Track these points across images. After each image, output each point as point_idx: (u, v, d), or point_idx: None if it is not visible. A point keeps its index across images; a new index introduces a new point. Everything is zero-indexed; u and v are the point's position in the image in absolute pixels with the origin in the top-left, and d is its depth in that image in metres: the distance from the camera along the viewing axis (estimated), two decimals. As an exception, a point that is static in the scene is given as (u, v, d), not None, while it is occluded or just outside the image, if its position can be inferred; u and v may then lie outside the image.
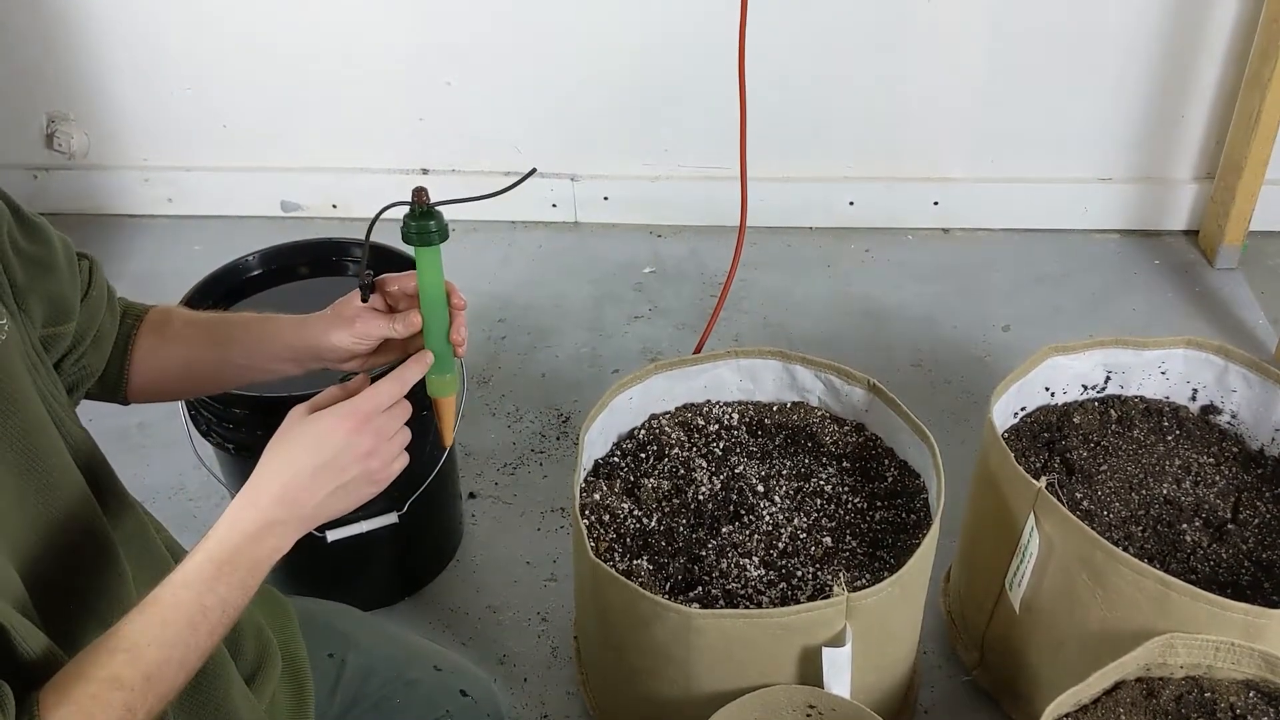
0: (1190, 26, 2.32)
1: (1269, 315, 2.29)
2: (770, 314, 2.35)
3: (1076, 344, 1.56)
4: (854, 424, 1.55)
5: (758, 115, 1.88)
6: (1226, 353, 1.55)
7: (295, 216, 2.65)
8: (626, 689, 1.40)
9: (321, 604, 1.24)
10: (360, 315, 1.03)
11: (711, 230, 2.57)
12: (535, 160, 2.52)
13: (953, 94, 2.44)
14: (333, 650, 1.16)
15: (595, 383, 2.16)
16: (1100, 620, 1.30)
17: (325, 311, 1.05)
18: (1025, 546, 1.37)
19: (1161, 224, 2.55)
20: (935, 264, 2.48)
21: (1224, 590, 1.34)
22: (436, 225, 0.97)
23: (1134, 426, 1.56)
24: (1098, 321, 2.29)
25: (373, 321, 1.02)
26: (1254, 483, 1.49)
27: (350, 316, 1.03)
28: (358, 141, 2.58)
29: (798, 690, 1.26)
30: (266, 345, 1.06)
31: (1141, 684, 1.23)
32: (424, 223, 0.96)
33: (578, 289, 2.43)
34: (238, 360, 1.06)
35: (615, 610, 1.30)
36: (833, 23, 2.36)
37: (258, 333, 1.07)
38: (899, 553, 1.37)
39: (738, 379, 1.59)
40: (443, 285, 1.00)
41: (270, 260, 1.69)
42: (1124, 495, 1.47)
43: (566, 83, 2.47)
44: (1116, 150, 2.49)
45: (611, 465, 1.51)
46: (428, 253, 0.98)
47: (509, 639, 1.70)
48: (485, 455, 2.02)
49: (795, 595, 1.32)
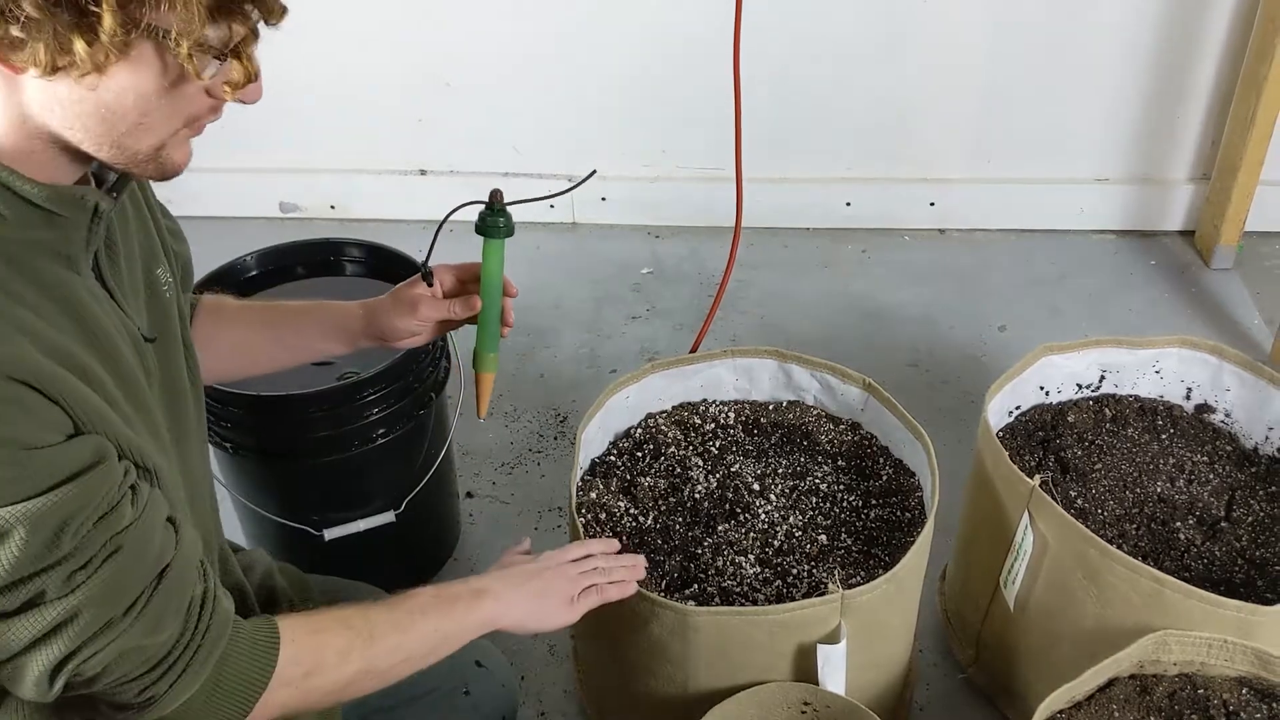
0: (1186, 28, 2.32)
1: (1264, 315, 2.30)
2: (768, 314, 2.36)
3: (1071, 344, 1.56)
4: (849, 423, 1.55)
5: (755, 117, 1.89)
6: (1220, 352, 1.55)
7: (294, 217, 2.66)
8: (623, 687, 1.40)
9: (341, 581, 1.27)
10: (421, 300, 1.18)
11: (709, 231, 2.58)
12: (533, 162, 2.54)
13: (949, 95, 2.44)
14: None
15: (593, 383, 2.17)
16: (1094, 618, 1.31)
17: (384, 298, 1.20)
18: (1020, 545, 1.38)
19: (1158, 224, 2.56)
20: (932, 264, 2.49)
21: (1217, 588, 1.35)
22: (505, 223, 1.16)
23: (1128, 425, 1.56)
24: (1094, 321, 2.30)
25: (433, 305, 1.18)
26: (1247, 481, 1.50)
27: (411, 302, 1.18)
28: (356, 142, 2.59)
29: (793, 687, 1.27)
30: (321, 327, 1.20)
31: (1135, 681, 1.24)
32: (496, 219, 1.15)
33: (576, 289, 2.44)
34: (290, 341, 1.20)
35: (611, 608, 1.31)
36: (830, 25, 2.36)
37: (315, 315, 1.21)
38: (894, 550, 1.37)
39: (734, 378, 1.60)
40: (501, 274, 1.18)
41: (267, 261, 1.69)
42: (1118, 493, 1.47)
43: (564, 84, 2.48)
44: (1113, 151, 2.50)
45: (608, 464, 1.52)
46: (495, 245, 1.17)
47: (506, 637, 1.68)
48: (483, 455, 2.02)
49: (791, 593, 1.33)
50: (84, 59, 0.71)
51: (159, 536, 0.82)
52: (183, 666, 0.84)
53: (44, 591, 0.75)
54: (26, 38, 0.70)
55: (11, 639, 0.76)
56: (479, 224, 1.16)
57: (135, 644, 0.80)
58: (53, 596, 0.76)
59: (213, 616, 0.86)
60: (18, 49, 0.71)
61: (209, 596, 0.87)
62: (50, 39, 0.70)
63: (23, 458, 0.72)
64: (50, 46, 0.70)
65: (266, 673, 0.89)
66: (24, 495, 0.72)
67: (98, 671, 0.79)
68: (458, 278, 1.21)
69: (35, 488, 0.73)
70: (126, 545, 0.79)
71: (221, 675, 0.87)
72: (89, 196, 0.81)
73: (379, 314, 1.19)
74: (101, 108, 0.75)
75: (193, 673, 0.85)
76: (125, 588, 0.79)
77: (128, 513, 0.79)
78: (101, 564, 0.77)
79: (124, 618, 0.79)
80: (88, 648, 0.78)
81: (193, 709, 0.86)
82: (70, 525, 0.75)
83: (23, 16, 0.69)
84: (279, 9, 0.78)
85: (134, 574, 0.80)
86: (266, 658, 0.89)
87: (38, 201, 0.78)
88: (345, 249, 1.73)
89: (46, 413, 0.74)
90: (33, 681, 0.78)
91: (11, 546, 0.72)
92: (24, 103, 0.75)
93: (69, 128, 0.76)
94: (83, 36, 0.70)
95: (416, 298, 1.18)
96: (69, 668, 0.78)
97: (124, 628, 0.79)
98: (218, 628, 0.86)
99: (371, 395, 1.51)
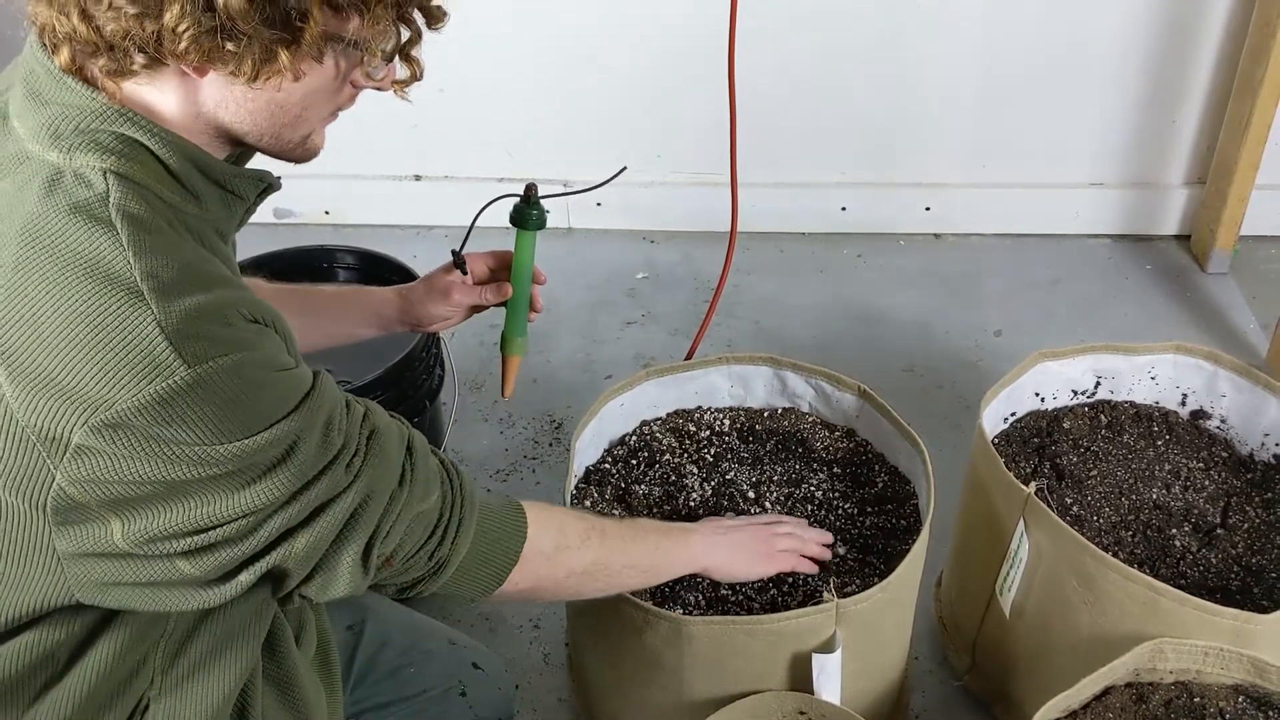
0: (1181, 31, 2.32)
1: (1260, 320, 2.30)
2: (763, 319, 2.36)
3: (1066, 349, 1.56)
4: (845, 430, 1.55)
5: (750, 121, 1.88)
6: (1215, 358, 1.55)
7: (288, 223, 2.65)
8: (618, 696, 1.40)
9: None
10: (453, 287, 1.27)
11: (705, 236, 2.57)
12: (529, 166, 2.53)
13: (945, 99, 2.44)
14: (351, 623, 1.21)
15: (588, 388, 2.16)
16: (1090, 625, 1.31)
17: (417, 284, 1.29)
18: (1015, 552, 1.38)
19: (1153, 229, 2.55)
20: (927, 269, 2.49)
21: (1213, 595, 1.34)
22: (539, 215, 1.25)
23: (1124, 432, 1.56)
24: (1090, 326, 2.30)
25: (465, 292, 1.27)
26: (1243, 487, 1.49)
27: (444, 288, 1.26)
28: (351, 148, 2.57)
29: (788, 696, 1.27)
30: (359, 312, 1.28)
31: (1131, 689, 1.24)
32: (530, 211, 1.24)
33: (571, 295, 2.43)
34: (328, 327, 1.27)
35: (606, 617, 1.30)
36: (826, 29, 2.36)
37: (353, 301, 1.29)
38: (889, 558, 1.37)
39: (729, 385, 1.59)
40: (533, 263, 1.27)
41: (258, 268, 1.68)
42: (1114, 500, 1.47)
43: (559, 89, 2.47)
44: (1108, 155, 2.49)
45: (603, 472, 1.51)
46: (528, 235, 1.25)
47: (501, 646, 1.70)
48: (478, 461, 2.02)
49: (786, 601, 1.32)
50: (286, 67, 0.78)
51: (383, 417, 0.91)
52: (457, 522, 0.94)
53: (335, 484, 0.83)
54: (237, 51, 0.75)
55: (319, 537, 0.83)
56: (514, 215, 1.25)
57: (415, 510, 0.90)
58: (342, 486, 0.83)
59: (460, 476, 0.96)
60: (225, 61, 0.76)
61: (446, 462, 0.96)
62: (259, 53, 0.76)
63: (282, 378, 0.80)
64: (256, 60, 0.76)
65: (521, 535, 0.99)
66: (292, 407, 0.80)
67: (395, 546, 0.89)
68: (489, 265, 1.30)
69: (297, 400, 0.80)
70: (376, 426, 0.88)
71: (483, 537, 0.97)
72: (266, 176, 0.92)
73: (413, 300, 1.27)
74: (273, 105, 0.83)
75: (465, 529, 0.95)
76: (390, 462, 0.88)
77: (356, 406, 0.88)
78: (366, 446, 0.86)
79: (400, 488, 0.88)
80: (384, 523, 0.87)
81: (467, 574, 0.96)
82: (333, 422, 0.83)
83: (238, 33, 0.74)
84: (441, 14, 0.90)
85: (390, 449, 0.88)
86: (518, 521, 1.00)
87: (223, 181, 0.86)
88: (337, 255, 1.73)
89: (281, 342, 0.83)
90: (347, 573, 0.86)
91: (300, 452, 0.80)
92: (200, 100, 0.82)
93: (239, 121, 0.83)
94: (286, 49, 0.77)
95: (449, 284, 1.26)
96: (375, 549, 0.87)
97: (404, 498, 0.88)
98: (469, 485, 0.97)
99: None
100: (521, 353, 1.33)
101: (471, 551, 0.96)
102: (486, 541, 0.97)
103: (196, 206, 0.84)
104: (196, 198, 0.84)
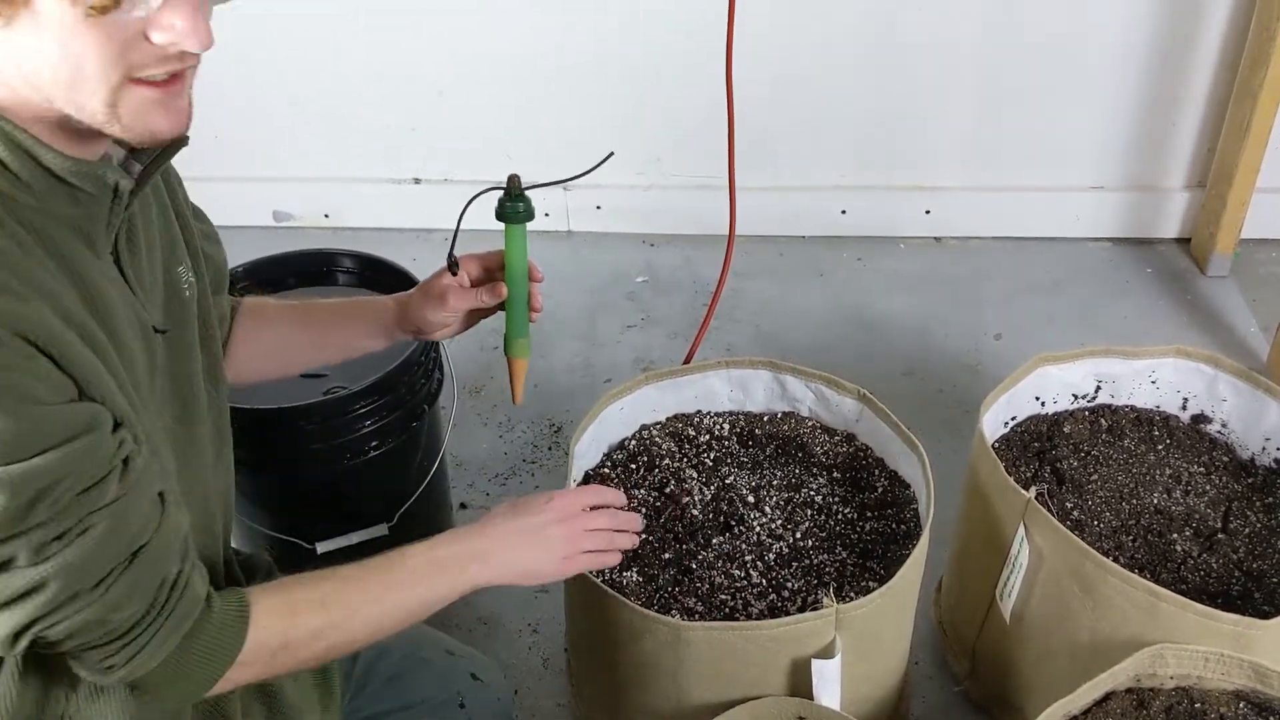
0: (1181, 35, 2.32)
1: (1260, 323, 2.30)
2: (762, 323, 2.35)
3: (1066, 353, 1.56)
4: (844, 434, 1.55)
5: (750, 124, 1.88)
6: (1216, 362, 1.55)
7: (287, 226, 2.65)
8: (617, 701, 1.40)
9: None
10: (449, 291, 1.19)
11: (704, 239, 2.57)
12: (527, 168, 2.52)
13: (945, 103, 2.44)
14: None
15: (588, 392, 2.16)
16: (1090, 631, 1.30)
17: (414, 292, 1.22)
18: (1015, 557, 1.37)
19: (1153, 232, 2.55)
20: (927, 273, 2.48)
21: (1214, 600, 1.34)
22: (525, 207, 1.19)
23: (1124, 436, 1.56)
24: (1090, 330, 2.29)
25: (461, 296, 1.20)
26: (1244, 492, 1.49)
27: (440, 294, 1.19)
28: (350, 151, 2.58)
29: (787, 702, 1.26)
30: (362, 325, 1.23)
31: (1132, 695, 1.23)
32: (515, 205, 1.18)
33: (570, 298, 2.43)
34: (333, 339, 1.24)
35: (605, 622, 1.30)
36: (825, 32, 2.36)
37: (355, 314, 1.24)
38: (889, 563, 1.37)
39: (728, 389, 1.59)
40: (526, 260, 1.20)
41: (256, 273, 1.68)
42: (1114, 505, 1.47)
43: (558, 92, 2.47)
44: (1108, 158, 2.49)
45: (602, 476, 1.51)
46: (516, 230, 1.19)
47: (500, 651, 1.70)
48: (477, 466, 2.01)
49: (785, 607, 1.32)
50: None
51: (141, 515, 0.82)
52: (144, 643, 0.84)
53: (14, 558, 0.75)
54: None
55: None
56: (498, 210, 1.19)
57: (98, 617, 0.80)
58: (22, 564, 0.75)
59: (181, 598, 0.86)
60: None
61: (182, 578, 0.86)
62: None
63: (22, 412, 0.71)
64: None
65: (232, 653, 0.89)
66: (12, 459, 0.71)
67: (60, 638, 0.80)
68: (483, 266, 1.23)
69: (25, 450, 0.72)
70: (103, 523, 0.78)
71: (186, 653, 0.87)
72: (109, 174, 0.81)
73: (411, 308, 1.22)
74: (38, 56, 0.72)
75: (151, 650, 0.85)
76: (96, 564, 0.79)
77: (112, 489, 0.78)
78: (76, 538, 0.77)
79: (91, 592, 0.79)
80: (50, 617, 0.78)
81: (155, 681, 0.87)
82: (49, 494, 0.74)
83: None
84: None
85: (107, 552, 0.79)
86: (234, 640, 0.89)
87: (59, 172, 0.78)
88: (337, 259, 1.72)
89: (52, 374, 0.74)
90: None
91: None
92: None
93: (35, 88, 0.73)
94: None
95: (445, 289, 1.20)
96: (31, 632, 0.78)
97: (89, 601, 0.79)
98: (184, 608, 0.86)
99: (364, 408, 1.50)
100: (525, 354, 1.27)
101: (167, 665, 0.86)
102: (189, 657, 0.87)
103: (30, 196, 0.77)
104: (28, 186, 0.77)
